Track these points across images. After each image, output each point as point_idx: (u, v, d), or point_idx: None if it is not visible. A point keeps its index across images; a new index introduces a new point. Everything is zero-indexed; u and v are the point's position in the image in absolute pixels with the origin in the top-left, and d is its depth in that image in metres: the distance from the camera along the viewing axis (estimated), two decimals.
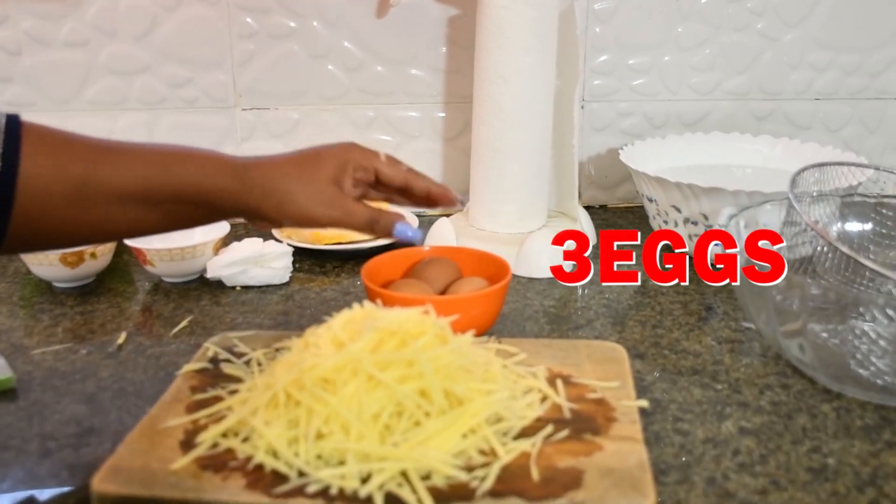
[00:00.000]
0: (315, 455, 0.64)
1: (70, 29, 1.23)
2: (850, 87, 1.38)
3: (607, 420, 0.70)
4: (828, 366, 0.78)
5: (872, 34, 1.36)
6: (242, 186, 0.76)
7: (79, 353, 0.91)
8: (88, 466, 0.70)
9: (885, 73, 1.37)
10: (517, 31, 1.09)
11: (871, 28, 1.35)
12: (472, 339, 0.74)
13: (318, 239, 1.15)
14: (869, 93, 1.38)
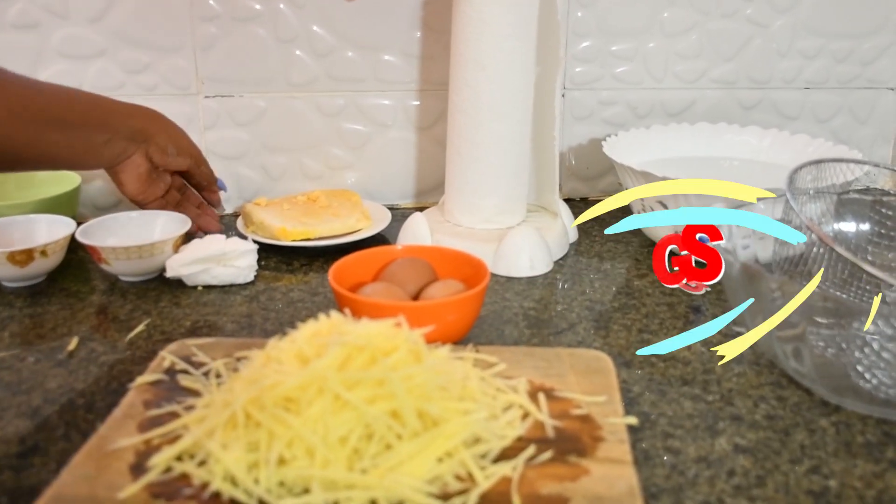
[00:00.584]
0: (277, 482, 0.58)
1: (19, 10, 1.16)
2: (840, 75, 1.33)
3: (594, 439, 0.65)
4: (827, 377, 0.73)
5: (865, 20, 1.31)
6: (129, 109, 1.06)
7: (25, 361, 0.84)
8: (31, 492, 0.64)
9: (877, 60, 1.33)
10: (496, 16, 1.03)
11: (863, 14, 1.30)
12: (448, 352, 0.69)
13: (284, 235, 1.09)
14: (860, 82, 1.34)
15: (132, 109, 1.04)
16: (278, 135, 1.27)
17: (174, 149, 1.07)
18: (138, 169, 1.05)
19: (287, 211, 1.15)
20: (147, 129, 1.04)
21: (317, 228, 1.10)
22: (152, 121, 1.05)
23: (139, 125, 1.04)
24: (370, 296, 0.82)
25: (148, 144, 1.05)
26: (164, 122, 1.07)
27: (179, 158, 1.08)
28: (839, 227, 0.86)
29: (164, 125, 1.07)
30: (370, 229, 1.15)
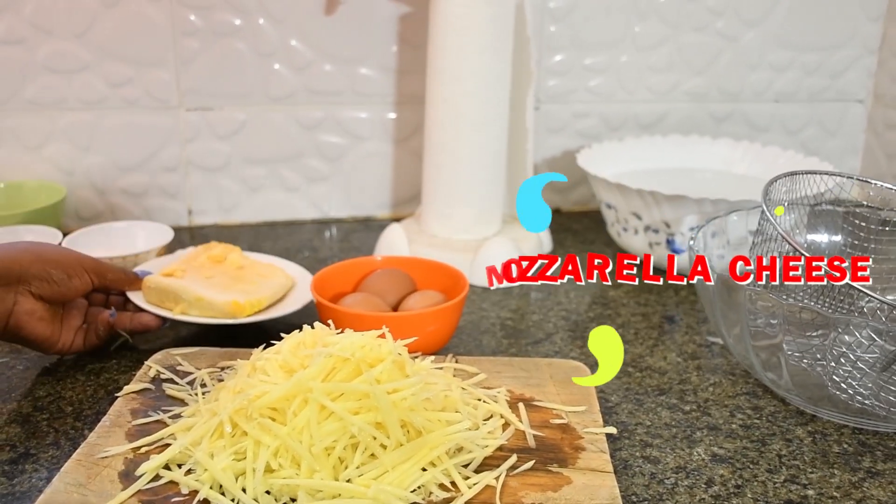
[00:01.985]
0: (264, 490, 0.60)
1: (6, 26, 1.17)
2: (809, 88, 1.36)
3: (574, 449, 0.67)
4: (803, 387, 0.75)
5: (834, 33, 1.34)
6: None
7: (15, 369, 0.86)
8: (23, 498, 0.66)
9: (845, 73, 1.36)
10: (472, 30, 1.05)
11: (832, 27, 1.33)
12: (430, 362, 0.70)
13: (239, 310, 0.89)
14: (829, 94, 1.37)
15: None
16: (258, 147, 1.29)
17: (61, 273, 0.83)
18: (34, 315, 0.81)
19: (211, 279, 0.92)
20: (11, 267, 0.80)
21: (260, 296, 0.91)
22: (14, 254, 0.82)
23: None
24: (351, 307, 0.83)
25: (25, 283, 0.81)
26: (33, 249, 0.84)
27: (76, 280, 0.84)
28: (812, 239, 0.88)
29: (34, 253, 0.83)
30: (297, 289, 0.98)
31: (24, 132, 1.22)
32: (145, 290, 0.89)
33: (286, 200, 1.32)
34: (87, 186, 1.26)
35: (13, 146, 1.23)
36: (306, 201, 1.33)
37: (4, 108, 1.21)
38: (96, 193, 1.27)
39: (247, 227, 1.30)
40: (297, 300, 0.93)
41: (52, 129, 1.23)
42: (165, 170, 1.27)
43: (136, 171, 1.27)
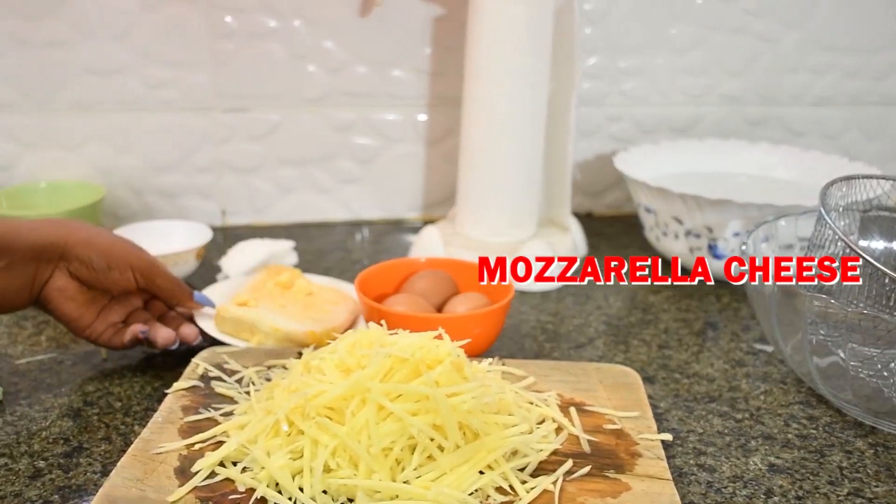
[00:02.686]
0: (321, 490, 0.59)
1: (48, 29, 1.17)
2: (850, 91, 1.35)
3: (630, 455, 0.66)
4: (865, 398, 0.74)
5: (876, 35, 1.32)
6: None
7: (63, 364, 0.86)
8: (79, 490, 0.66)
9: (888, 76, 1.34)
10: (511, 31, 1.04)
11: (874, 29, 1.32)
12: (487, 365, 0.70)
13: (315, 339, 0.87)
14: (871, 98, 1.35)
15: (36, 223, 0.79)
16: (291, 148, 1.28)
17: (102, 262, 0.80)
18: (64, 293, 0.80)
19: (284, 308, 0.91)
20: (57, 243, 0.79)
21: (335, 324, 0.89)
22: (66, 231, 0.80)
23: (46, 239, 0.78)
24: (396, 307, 0.83)
25: (66, 261, 0.80)
26: (84, 231, 0.81)
27: (115, 274, 0.81)
28: (866, 245, 0.87)
29: (84, 234, 0.80)
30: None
31: (64, 133, 1.23)
32: (219, 321, 0.88)
33: (318, 202, 1.32)
34: (124, 186, 1.26)
35: (53, 146, 1.23)
36: (338, 203, 1.33)
37: (45, 109, 1.21)
38: (132, 193, 1.27)
39: (279, 228, 1.30)
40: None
41: (91, 130, 1.23)
42: (200, 170, 1.27)
43: (172, 171, 1.27)
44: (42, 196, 1.22)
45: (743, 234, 0.99)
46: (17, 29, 1.17)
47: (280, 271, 0.97)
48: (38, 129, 1.22)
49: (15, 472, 0.69)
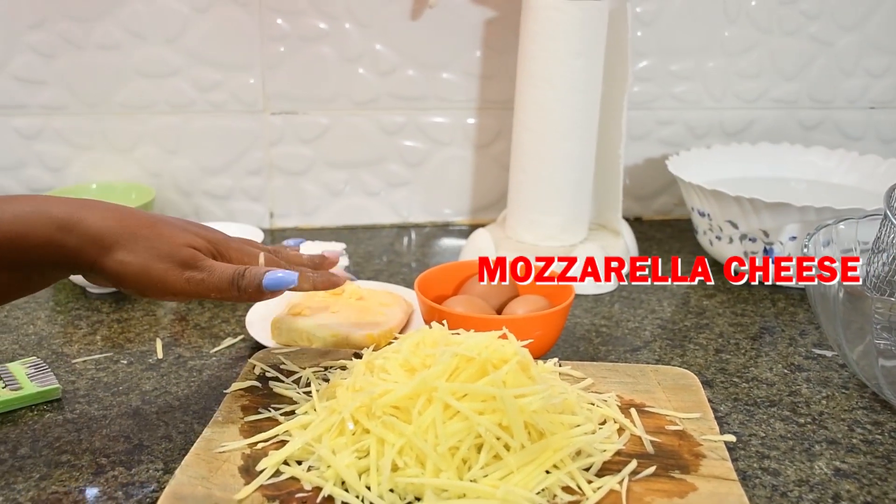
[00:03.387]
0: (388, 488, 0.59)
1: (102, 32, 1.18)
2: None
3: (694, 456, 0.65)
4: None
5: None
6: (73, 240, 0.63)
7: (119, 364, 0.87)
8: (143, 487, 0.67)
9: None
10: (566, 34, 1.04)
11: None
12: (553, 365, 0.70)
13: (372, 341, 0.86)
14: None
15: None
16: (340, 151, 1.29)
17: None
18: None
19: (338, 314, 0.89)
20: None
21: (390, 327, 0.89)
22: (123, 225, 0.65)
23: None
24: (457, 308, 0.82)
25: None
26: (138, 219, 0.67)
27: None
28: None
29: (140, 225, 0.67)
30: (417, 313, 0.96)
31: (116, 134, 1.24)
32: (275, 332, 0.87)
33: (366, 205, 1.32)
34: (173, 188, 1.27)
35: (105, 148, 1.24)
36: (386, 206, 1.33)
37: (98, 111, 1.22)
38: (182, 195, 1.28)
39: (327, 231, 1.31)
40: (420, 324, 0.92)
41: (142, 132, 1.24)
42: (249, 173, 1.28)
43: (221, 173, 1.27)
44: (93, 197, 1.23)
45: (800, 238, 0.98)
46: (69, 32, 1.18)
47: None
48: (90, 131, 1.24)
49: (78, 468, 0.69)
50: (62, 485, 0.67)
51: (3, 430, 0.74)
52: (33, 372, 0.82)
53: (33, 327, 0.95)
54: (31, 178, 1.25)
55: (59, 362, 0.87)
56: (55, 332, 0.94)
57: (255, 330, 0.90)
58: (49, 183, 1.25)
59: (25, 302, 1.01)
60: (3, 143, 1.23)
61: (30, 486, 0.66)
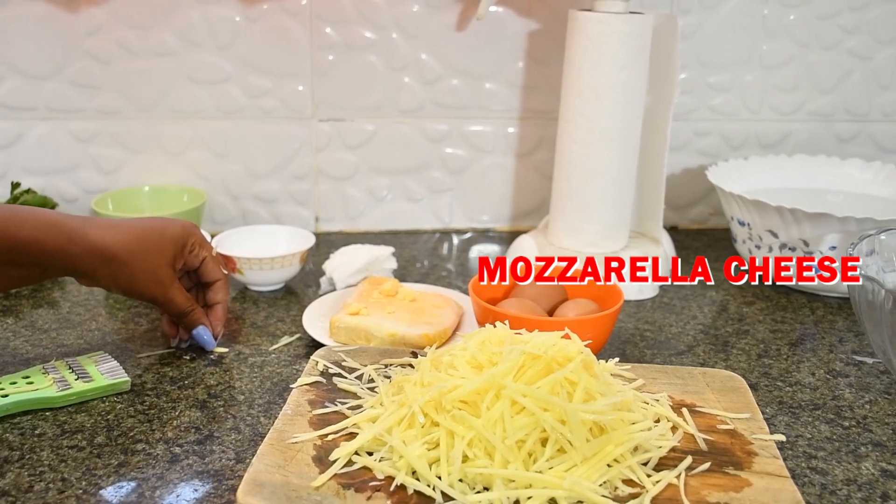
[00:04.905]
0: (457, 478, 0.62)
1: (157, 39, 1.22)
2: None
3: (746, 454, 0.68)
4: None
5: None
6: (79, 250, 0.79)
7: (183, 359, 0.90)
8: (217, 475, 0.70)
9: None
10: (612, 47, 1.07)
11: None
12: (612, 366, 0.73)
13: (428, 341, 0.90)
14: None
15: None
16: (384, 157, 1.32)
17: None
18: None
19: (393, 315, 0.93)
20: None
21: (444, 327, 0.93)
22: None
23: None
24: (511, 311, 0.85)
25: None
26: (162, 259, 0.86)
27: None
28: None
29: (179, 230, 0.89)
30: (468, 315, 1.00)
31: (168, 139, 1.28)
32: (333, 330, 0.92)
33: (409, 210, 1.35)
34: (222, 192, 1.31)
35: (157, 152, 1.28)
36: (428, 211, 1.36)
37: (151, 116, 1.26)
38: (230, 199, 1.31)
39: (370, 235, 1.34)
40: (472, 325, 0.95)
41: (193, 137, 1.28)
42: (296, 178, 1.31)
43: (269, 178, 1.31)
44: (146, 199, 1.27)
45: (840, 248, 1.01)
46: (126, 39, 1.22)
47: (381, 281, 1.01)
48: (143, 135, 1.28)
49: (154, 456, 0.72)
50: (140, 471, 0.70)
51: (78, 419, 0.78)
52: (103, 365, 0.86)
53: (95, 323, 0.98)
54: (84, 180, 1.29)
55: (125, 357, 0.90)
56: (117, 329, 0.97)
57: (313, 328, 0.93)
58: (102, 185, 1.29)
59: (85, 299, 1.05)
60: (58, 146, 1.27)
61: (109, 472, 0.70)
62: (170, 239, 0.85)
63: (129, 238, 0.82)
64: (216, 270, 0.92)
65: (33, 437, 0.75)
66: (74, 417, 0.78)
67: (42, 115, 1.25)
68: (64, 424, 0.77)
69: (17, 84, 1.23)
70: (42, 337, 0.95)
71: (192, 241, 0.88)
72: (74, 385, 0.81)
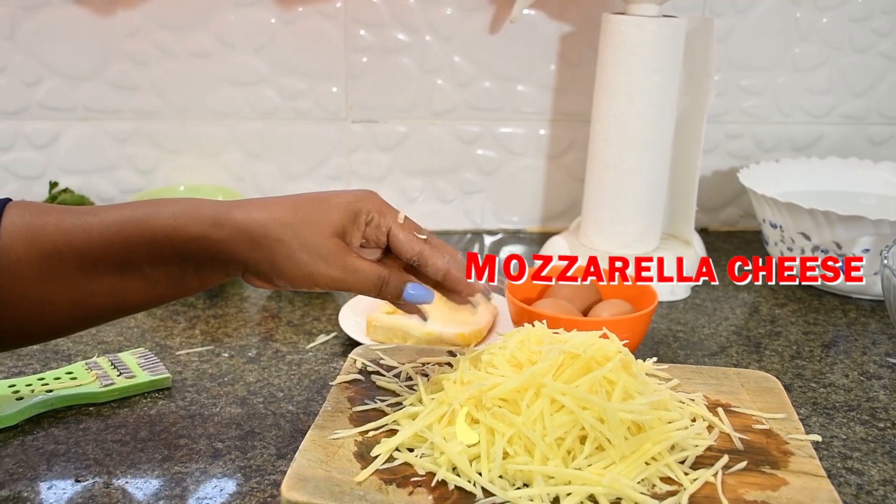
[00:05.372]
0: (498, 475, 0.63)
1: (194, 41, 1.24)
2: None
3: (782, 453, 0.69)
4: None
5: None
6: (225, 234, 0.65)
7: (221, 356, 0.92)
8: (259, 470, 0.71)
9: None
10: (645, 50, 1.07)
11: None
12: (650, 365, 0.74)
13: (464, 341, 0.92)
14: None
15: None
16: (417, 159, 1.33)
17: None
18: None
19: (430, 314, 0.84)
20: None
21: (480, 326, 0.94)
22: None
23: None
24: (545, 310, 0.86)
25: None
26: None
27: None
28: None
29: None
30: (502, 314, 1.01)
31: (204, 139, 1.29)
32: (370, 329, 0.92)
33: (440, 211, 1.36)
34: (256, 192, 1.32)
35: (193, 152, 1.30)
36: (460, 212, 1.37)
37: (187, 117, 1.28)
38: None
39: None
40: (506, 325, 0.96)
41: (228, 137, 1.30)
42: (329, 178, 1.33)
43: (303, 178, 1.32)
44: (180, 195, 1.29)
45: (874, 251, 1.01)
46: (164, 40, 1.24)
47: None
48: (179, 135, 1.29)
49: (196, 451, 0.74)
50: (184, 466, 0.72)
51: (121, 415, 0.79)
52: (143, 362, 0.87)
53: (135, 321, 1.00)
54: (121, 179, 1.30)
55: (164, 354, 0.92)
56: (156, 326, 0.99)
57: (349, 327, 0.94)
58: (139, 185, 1.31)
59: None
60: (96, 146, 1.29)
61: (153, 467, 0.71)
62: (335, 207, 0.68)
63: (282, 211, 0.67)
64: (412, 242, 0.71)
65: (78, 432, 0.76)
66: (117, 412, 0.80)
67: (80, 115, 1.27)
68: (108, 419, 0.79)
69: (56, 85, 1.25)
70: (82, 334, 0.96)
71: (367, 209, 0.70)
72: (117, 381, 0.83)
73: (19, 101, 1.25)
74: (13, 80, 1.24)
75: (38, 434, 0.76)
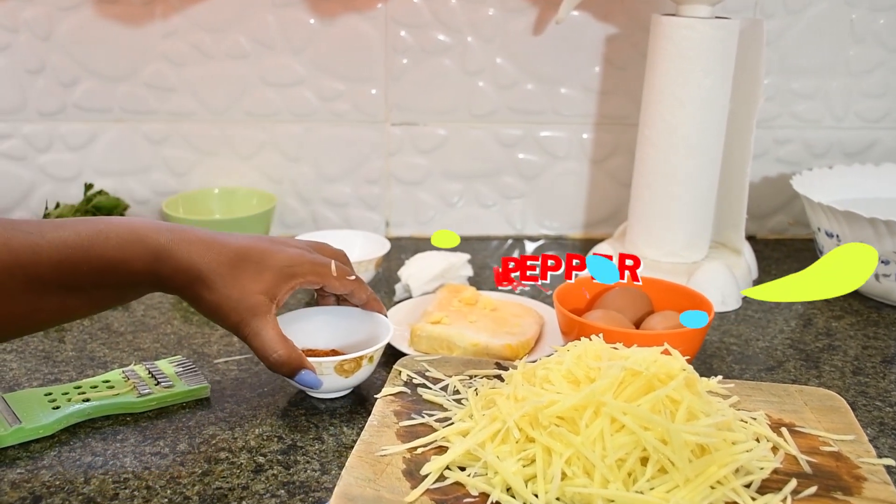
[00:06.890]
0: (555, 497, 0.60)
1: (231, 42, 1.22)
2: None
3: (854, 478, 0.65)
4: None
5: None
6: (165, 270, 0.72)
7: (260, 366, 0.89)
8: (303, 486, 0.69)
9: None
10: (697, 53, 1.04)
11: None
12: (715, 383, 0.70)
13: (512, 352, 0.88)
14: None
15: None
16: (457, 163, 1.30)
17: None
18: None
19: (475, 324, 0.92)
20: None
21: (527, 337, 0.91)
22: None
23: None
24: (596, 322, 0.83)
25: None
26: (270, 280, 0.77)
27: None
28: None
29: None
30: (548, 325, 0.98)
31: (240, 141, 1.27)
32: (414, 339, 0.90)
33: (480, 215, 1.33)
34: (293, 195, 1.30)
35: (229, 154, 1.27)
36: (500, 217, 1.34)
37: (224, 118, 1.26)
38: (301, 202, 1.30)
39: None
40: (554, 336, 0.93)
41: (265, 140, 1.27)
42: (367, 182, 1.30)
43: (340, 181, 1.30)
44: (216, 202, 1.27)
45: None
46: (200, 42, 1.22)
47: (460, 289, 0.99)
48: (215, 137, 1.27)
49: (238, 465, 0.71)
50: (225, 481, 0.69)
51: (160, 425, 0.77)
52: (181, 371, 0.85)
53: (171, 327, 0.98)
54: (156, 181, 1.28)
55: (202, 362, 0.89)
56: (192, 333, 0.97)
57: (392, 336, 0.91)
58: (173, 187, 1.29)
59: (159, 302, 1.04)
60: (131, 147, 1.27)
61: (194, 481, 0.69)
62: (271, 268, 0.75)
63: (221, 261, 0.73)
64: (344, 285, 0.81)
65: (115, 443, 0.74)
66: (155, 423, 0.77)
67: (116, 116, 1.25)
68: (145, 430, 0.76)
69: (92, 86, 1.23)
70: (118, 340, 0.94)
71: (303, 272, 0.77)
72: (155, 391, 0.80)
73: (56, 102, 1.24)
74: (50, 80, 1.23)
75: (74, 444, 0.74)
